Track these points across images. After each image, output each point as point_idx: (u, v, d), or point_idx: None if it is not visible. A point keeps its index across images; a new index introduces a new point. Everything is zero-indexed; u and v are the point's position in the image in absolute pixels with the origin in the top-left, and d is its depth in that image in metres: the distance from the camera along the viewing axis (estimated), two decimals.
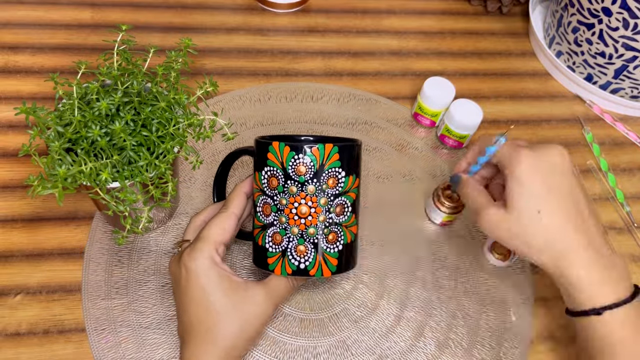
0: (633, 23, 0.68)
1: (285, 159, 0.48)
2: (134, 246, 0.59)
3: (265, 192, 0.49)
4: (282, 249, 0.49)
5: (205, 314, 0.47)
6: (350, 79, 0.77)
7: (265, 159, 0.49)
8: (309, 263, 0.49)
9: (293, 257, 0.49)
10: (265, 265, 0.50)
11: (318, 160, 0.48)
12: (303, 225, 0.48)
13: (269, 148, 0.48)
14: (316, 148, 0.47)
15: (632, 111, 0.78)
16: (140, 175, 0.47)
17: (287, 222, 0.48)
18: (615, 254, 0.49)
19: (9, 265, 0.57)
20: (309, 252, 0.49)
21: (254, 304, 0.48)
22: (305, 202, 0.48)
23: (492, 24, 0.87)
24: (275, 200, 0.48)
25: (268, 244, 0.49)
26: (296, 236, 0.48)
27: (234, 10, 0.81)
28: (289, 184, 0.48)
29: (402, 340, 0.57)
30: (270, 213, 0.49)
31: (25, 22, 0.75)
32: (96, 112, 0.47)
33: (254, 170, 0.51)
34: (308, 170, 0.48)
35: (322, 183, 0.48)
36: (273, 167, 0.48)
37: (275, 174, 0.48)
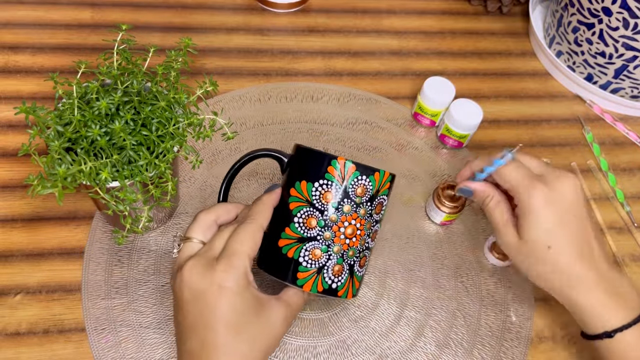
0: (633, 23, 0.68)
1: (348, 176, 0.47)
2: (134, 246, 0.59)
3: (315, 204, 0.47)
4: (319, 265, 0.47)
5: (233, 335, 0.44)
6: (350, 79, 0.77)
7: (324, 171, 0.47)
8: (340, 284, 0.48)
9: (329, 276, 0.48)
10: (293, 279, 0.47)
11: (376, 185, 0.48)
12: (346, 246, 0.48)
13: (332, 162, 0.47)
14: (378, 173, 0.48)
15: (632, 111, 0.78)
16: (140, 174, 0.47)
17: (332, 239, 0.47)
18: (623, 276, 0.50)
19: (9, 265, 0.57)
20: (343, 273, 0.48)
21: (277, 326, 0.47)
22: (354, 223, 0.48)
23: (492, 23, 0.87)
24: (324, 215, 0.47)
25: (303, 258, 0.47)
26: (336, 255, 0.48)
27: (234, 10, 0.81)
28: (344, 202, 0.47)
29: (402, 340, 0.57)
30: (314, 226, 0.47)
31: (25, 22, 0.75)
32: (96, 112, 0.47)
33: (296, 179, 0.48)
34: (366, 193, 0.48)
35: (373, 208, 0.49)
36: (332, 181, 0.47)
37: (332, 189, 0.47)
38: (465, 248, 0.64)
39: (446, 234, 0.65)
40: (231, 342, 0.44)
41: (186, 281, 0.45)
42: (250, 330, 0.45)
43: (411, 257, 0.63)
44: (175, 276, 0.47)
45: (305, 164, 0.49)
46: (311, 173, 0.48)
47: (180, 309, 0.46)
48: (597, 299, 0.48)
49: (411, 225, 0.65)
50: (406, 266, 0.62)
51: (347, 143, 0.70)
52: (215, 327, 0.44)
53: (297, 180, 0.48)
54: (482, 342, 0.58)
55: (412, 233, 0.64)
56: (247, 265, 0.45)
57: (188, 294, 0.45)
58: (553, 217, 0.48)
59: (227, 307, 0.44)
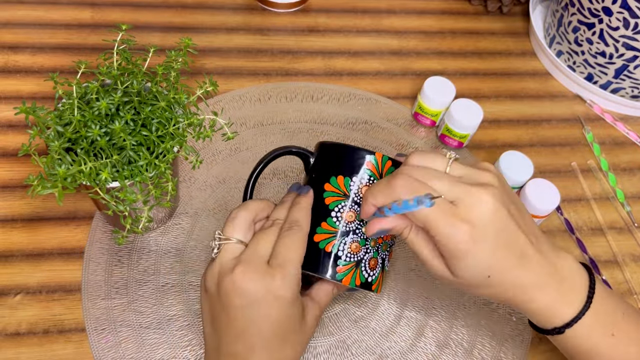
0: (633, 22, 0.68)
1: (385, 172, 0.49)
2: (133, 246, 0.59)
3: (354, 199, 0.48)
4: (358, 259, 0.48)
5: (281, 341, 0.45)
6: (350, 79, 0.76)
7: (360, 165, 0.49)
8: (374, 277, 0.49)
9: (365, 269, 0.48)
10: (332, 272, 0.48)
11: None
12: (380, 239, 0.49)
13: (370, 157, 0.49)
14: None
15: (632, 111, 0.78)
16: (140, 174, 0.47)
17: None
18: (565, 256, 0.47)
19: (8, 265, 0.57)
20: (377, 267, 0.49)
21: (311, 327, 0.48)
22: None
23: (492, 23, 0.87)
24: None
25: (342, 251, 0.48)
26: (373, 249, 0.49)
27: (234, 10, 0.81)
28: None
29: (402, 340, 0.57)
30: (353, 220, 0.48)
31: (25, 22, 0.75)
32: (96, 112, 0.47)
33: (331, 174, 0.49)
34: None
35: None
36: (371, 176, 0.49)
37: (370, 184, 0.48)
38: None
39: None
40: (277, 348, 0.45)
41: (238, 287, 0.44)
42: (296, 336, 0.46)
43: (411, 257, 0.62)
44: (218, 278, 0.45)
45: (340, 159, 0.50)
46: (348, 168, 0.49)
47: (226, 313, 0.45)
48: (548, 298, 0.45)
49: None
50: (406, 266, 0.62)
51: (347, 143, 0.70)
52: (266, 334, 0.44)
53: (333, 175, 0.49)
54: (482, 342, 0.58)
55: None
56: (299, 275, 0.46)
57: (240, 299, 0.44)
58: (484, 252, 0.42)
59: (280, 316, 0.44)
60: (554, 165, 0.72)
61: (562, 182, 0.70)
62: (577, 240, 0.66)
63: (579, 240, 0.66)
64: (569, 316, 0.45)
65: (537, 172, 0.68)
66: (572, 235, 0.67)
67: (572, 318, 0.45)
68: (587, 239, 0.67)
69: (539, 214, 0.62)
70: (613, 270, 0.65)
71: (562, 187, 0.68)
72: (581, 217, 0.68)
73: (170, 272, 0.58)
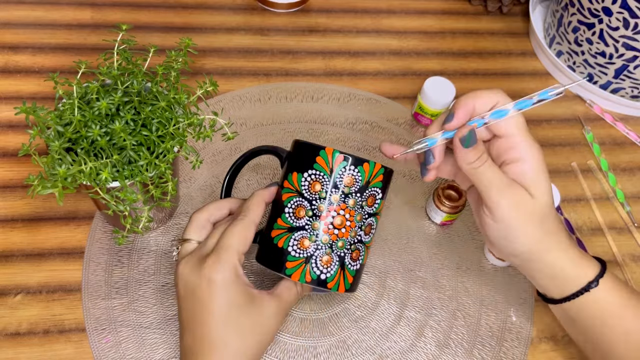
0: (633, 23, 0.68)
1: (336, 166, 0.48)
2: (134, 246, 0.59)
3: (304, 194, 0.48)
4: (307, 255, 0.48)
5: (223, 329, 0.45)
6: (350, 79, 0.76)
7: (312, 162, 0.48)
8: (330, 275, 0.48)
9: (317, 266, 0.48)
10: (281, 268, 0.48)
11: (366, 176, 0.48)
12: (335, 236, 0.48)
13: (320, 152, 0.48)
14: (367, 164, 0.48)
15: (632, 111, 0.78)
16: (140, 174, 0.47)
17: (320, 229, 0.48)
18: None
19: (9, 265, 0.57)
20: (332, 265, 0.48)
21: (270, 319, 0.47)
22: (343, 214, 0.48)
23: (492, 23, 0.87)
24: (313, 205, 0.48)
25: (292, 247, 0.48)
26: (325, 245, 0.48)
27: (234, 10, 0.81)
28: (333, 192, 0.48)
29: (402, 340, 0.57)
30: (303, 216, 0.48)
31: (26, 22, 0.75)
32: (96, 112, 0.47)
33: (288, 171, 0.50)
34: (355, 184, 0.48)
35: (364, 200, 0.48)
36: (320, 171, 0.48)
37: (320, 179, 0.48)
38: (465, 248, 0.64)
39: (446, 234, 0.65)
40: (222, 336, 0.45)
41: (179, 278, 0.47)
42: (241, 324, 0.46)
43: (411, 257, 0.63)
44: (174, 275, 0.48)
45: (297, 156, 0.50)
46: (301, 164, 0.49)
47: (178, 305, 0.48)
48: (565, 253, 0.47)
49: (411, 225, 0.65)
50: (406, 266, 0.62)
51: (347, 143, 0.70)
52: (206, 321, 0.45)
53: (290, 172, 0.49)
54: (482, 342, 0.58)
55: (412, 233, 0.64)
56: (235, 259, 0.46)
57: (182, 289, 0.47)
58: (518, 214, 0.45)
59: (216, 301, 0.45)
60: (554, 165, 0.72)
61: (562, 182, 0.70)
62: (577, 240, 0.66)
63: (579, 240, 0.66)
64: (592, 275, 0.47)
65: None
66: (572, 235, 0.67)
67: (596, 275, 0.47)
68: (587, 239, 0.67)
69: None
70: (613, 270, 0.64)
71: (562, 187, 0.68)
72: (581, 217, 0.68)
73: (171, 272, 0.58)
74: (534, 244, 0.46)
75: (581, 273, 0.47)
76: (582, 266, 0.47)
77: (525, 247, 0.46)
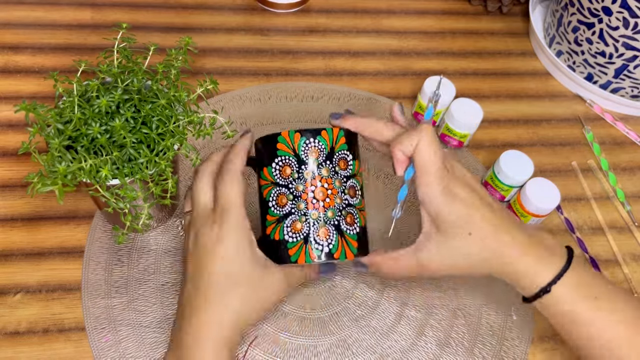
0: (633, 22, 0.68)
1: (297, 145, 0.48)
2: (133, 245, 0.59)
3: (279, 182, 0.49)
4: (304, 235, 0.48)
5: (225, 281, 0.46)
6: (350, 79, 0.77)
7: (274, 149, 0.49)
8: (332, 246, 0.48)
9: (316, 241, 0.48)
10: (286, 258, 0.48)
11: (328, 143, 0.49)
12: (322, 208, 0.48)
13: (278, 138, 0.49)
14: (325, 131, 0.49)
15: (632, 110, 0.78)
16: (140, 172, 0.47)
17: (306, 207, 0.48)
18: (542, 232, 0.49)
19: (8, 264, 0.57)
20: (331, 235, 0.48)
21: (272, 281, 0.48)
22: (321, 185, 0.48)
23: (492, 23, 0.87)
24: (290, 188, 0.48)
25: (287, 235, 0.48)
26: (317, 220, 0.48)
27: (234, 10, 0.82)
28: (303, 169, 0.48)
29: (402, 339, 0.57)
30: (286, 203, 0.48)
31: (26, 22, 0.75)
32: (96, 110, 0.47)
33: (259, 169, 0.50)
34: (321, 154, 0.49)
35: (335, 165, 0.49)
36: (285, 155, 0.49)
37: (288, 162, 0.48)
38: None
39: None
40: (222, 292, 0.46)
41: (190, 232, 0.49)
42: (247, 288, 0.47)
43: None
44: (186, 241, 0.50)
45: (261, 153, 0.50)
46: (267, 157, 0.50)
47: (185, 260, 0.49)
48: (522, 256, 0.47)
49: (411, 225, 0.65)
50: None
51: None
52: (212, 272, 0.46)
53: (260, 169, 0.50)
54: (483, 341, 0.58)
55: (412, 233, 0.64)
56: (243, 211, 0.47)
57: (191, 244, 0.48)
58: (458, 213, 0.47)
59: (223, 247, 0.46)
60: (554, 165, 0.72)
61: (563, 181, 0.70)
62: (577, 239, 0.66)
63: (580, 239, 0.66)
64: (552, 275, 0.46)
65: (537, 171, 0.68)
66: (572, 234, 0.67)
67: (555, 275, 0.46)
68: (587, 238, 0.67)
69: (539, 213, 0.62)
70: (613, 270, 0.65)
71: (563, 186, 0.68)
72: (581, 217, 0.68)
73: (171, 271, 0.58)
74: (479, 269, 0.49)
75: (541, 270, 0.47)
76: (541, 264, 0.47)
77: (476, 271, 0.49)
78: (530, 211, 0.62)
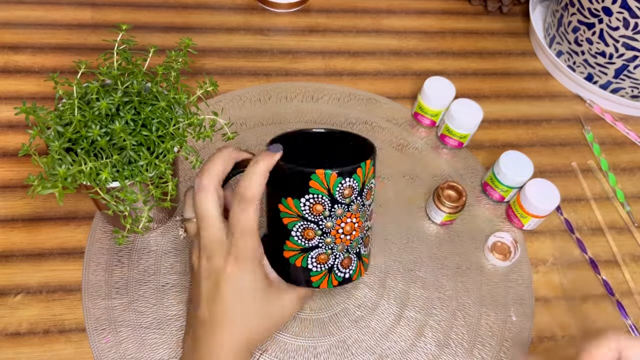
0: (633, 22, 0.68)
1: (332, 185, 0.46)
2: (134, 246, 0.59)
3: (307, 218, 0.47)
4: (329, 266, 0.48)
5: (241, 308, 0.47)
6: (350, 79, 0.76)
7: (306, 187, 0.46)
8: (352, 271, 0.49)
9: (339, 270, 0.49)
10: (308, 282, 0.49)
11: (361, 179, 0.47)
12: (348, 241, 0.48)
13: (312, 177, 0.46)
14: (360, 169, 0.47)
15: (632, 111, 0.78)
16: (140, 174, 0.47)
17: (334, 242, 0.48)
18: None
19: (9, 265, 0.57)
20: (352, 263, 0.49)
21: (286, 306, 0.49)
22: (350, 221, 0.48)
23: (492, 23, 0.87)
24: (320, 225, 0.47)
25: (311, 264, 0.48)
26: (341, 252, 0.49)
27: (234, 10, 0.81)
28: (335, 207, 0.47)
29: (402, 340, 0.57)
30: (313, 237, 0.48)
31: (26, 22, 0.75)
32: (96, 112, 0.47)
33: (280, 195, 0.47)
34: (354, 191, 0.47)
35: (363, 198, 0.48)
36: (318, 194, 0.46)
37: (320, 201, 0.47)
38: (465, 248, 0.64)
39: (446, 234, 0.65)
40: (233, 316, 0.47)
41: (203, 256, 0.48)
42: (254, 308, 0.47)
43: (411, 257, 0.63)
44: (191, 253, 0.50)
45: (286, 181, 0.47)
46: (294, 190, 0.47)
47: (195, 282, 0.49)
48: None
49: (411, 225, 0.65)
50: (406, 266, 0.62)
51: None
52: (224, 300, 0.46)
53: (282, 197, 0.47)
54: (482, 342, 0.58)
55: (412, 233, 0.64)
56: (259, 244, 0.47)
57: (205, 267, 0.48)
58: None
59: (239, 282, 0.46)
60: (554, 165, 0.72)
61: (562, 182, 0.70)
62: (577, 240, 0.66)
63: (579, 240, 0.66)
64: None
65: (537, 172, 0.68)
66: (572, 235, 0.67)
67: None
68: (587, 238, 0.67)
69: (539, 213, 0.62)
70: (613, 270, 0.65)
71: (562, 187, 0.68)
72: (581, 217, 0.68)
73: (171, 272, 0.58)
74: None
75: None
76: None
77: None
78: (530, 212, 0.62)
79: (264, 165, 0.46)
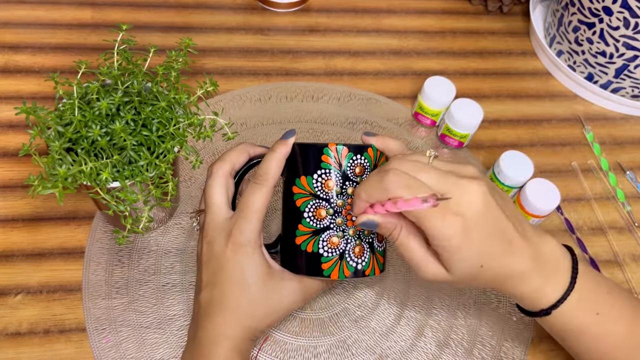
0: (634, 22, 0.68)
1: (343, 160, 0.48)
2: (134, 246, 0.59)
3: (319, 195, 0.48)
4: (340, 251, 0.48)
5: (239, 292, 0.47)
6: (350, 79, 0.76)
7: (318, 161, 0.48)
8: (365, 263, 0.49)
9: (351, 258, 0.48)
10: (318, 271, 0.48)
11: (372, 160, 0.49)
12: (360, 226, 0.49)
13: (325, 150, 0.48)
14: (371, 149, 0.49)
15: (632, 110, 0.78)
16: (141, 174, 0.47)
17: (345, 223, 0.48)
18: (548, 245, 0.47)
19: (9, 265, 0.57)
20: (365, 253, 0.49)
21: (287, 296, 0.49)
22: None
23: (492, 23, 0.87)
24: (331, 203, 0.48)
25: (323, 249, 0.48)
26: (353, 237, 0.48)
27: (234, 10, 0.81)
28: (347, 185, 0.48)
29: (402, 340, 0.57)
30: (325, 216, 0.48)
31: (26, 22, 0.75)
32: (96, 112, 0.47)
33: (295, 176, 0.49)
34: (365, 170, 0.48)
35: None
36: (329, 169, 0.48)
37: (331, 177, 0.48)
38: None
39: None
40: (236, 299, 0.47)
41: (204, 241, 0.49)
42: (254, 293, 0.48)
43: None
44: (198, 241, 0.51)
45: (299, 160, 0.49)
46: (307, 166, 0.49)
47: (199, 266, 0.50)
48: (534, 282, 0.46)
49: None
50: (406, 266, 0.62)
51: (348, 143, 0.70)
52: (223, 283, 0.47)
53: (297, 176, 0.49)
54: (482, 342, 0.58)
55: None
56: (258, 227, 0.48)
57: (206, 252, 0.49)
58: (477, 243, 0.42)
59: (235, 264, 0.48)
60: (554, 165, 0.72)
61: (563, 181, 0.70)
62: (577, 239, 0.66)
63: (579, 239, 0.66)
64: (554, 298, 0.46)
65: (537, 171, 0.68)
66: (572, 234, 0.67)
67: (558, 300, 0.46)
68: (587, 238, 0.67)
69: (539, 213, 0.62)
70: (613, 270, 0.65)
71: (563, 186, 0.68)
72: (581, 217, 0.68)
73: (171, 272, 0.58)
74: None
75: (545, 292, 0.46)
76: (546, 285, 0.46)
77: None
78: (530, 212, 0.62)
79: (279, 152, 0.49)
